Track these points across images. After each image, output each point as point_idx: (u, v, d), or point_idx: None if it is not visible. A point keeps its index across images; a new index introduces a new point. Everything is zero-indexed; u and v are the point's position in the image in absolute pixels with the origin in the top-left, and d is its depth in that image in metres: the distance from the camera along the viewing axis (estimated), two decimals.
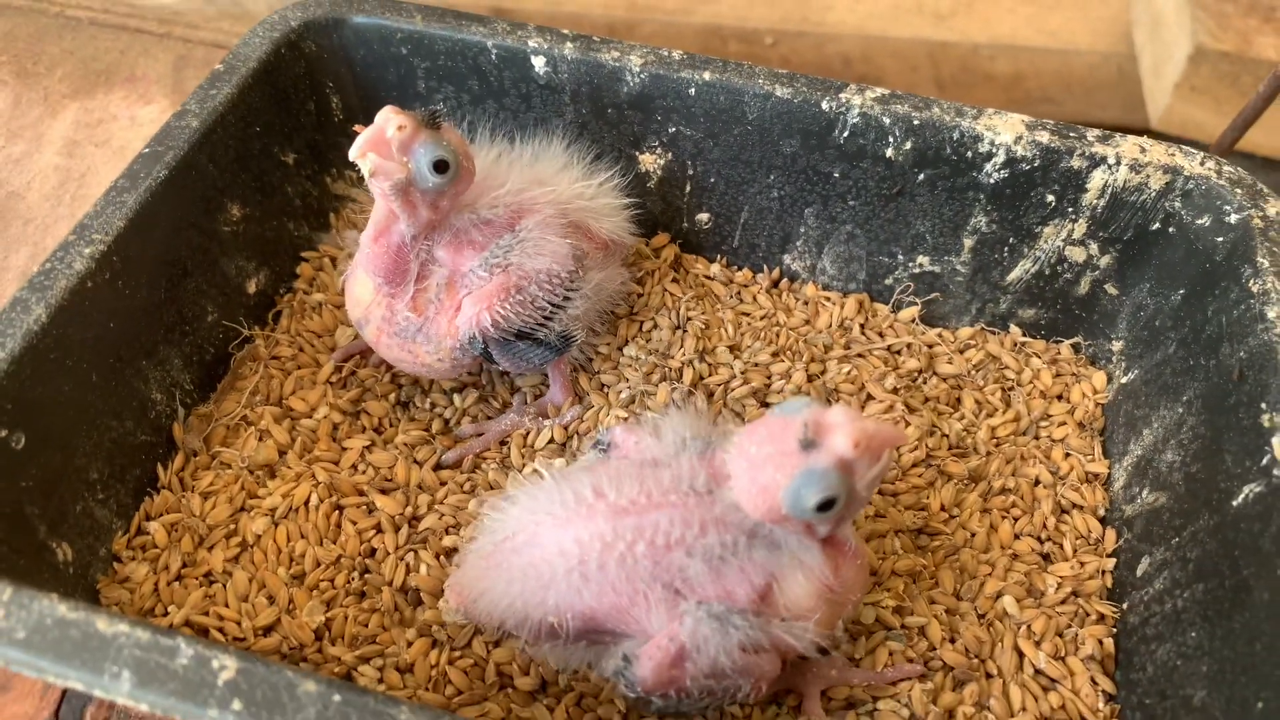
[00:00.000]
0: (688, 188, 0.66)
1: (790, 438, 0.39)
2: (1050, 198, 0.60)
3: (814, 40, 1.41)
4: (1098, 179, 0.59)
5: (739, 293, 0.67)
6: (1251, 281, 0.53)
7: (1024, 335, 0.66)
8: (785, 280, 0.68)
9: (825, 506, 0.39)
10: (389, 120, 0.48)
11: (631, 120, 0.64)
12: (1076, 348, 0.65)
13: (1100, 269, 0.62)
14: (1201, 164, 0.58)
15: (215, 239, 0.59)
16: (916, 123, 0.59)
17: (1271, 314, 0.52)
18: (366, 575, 0.53)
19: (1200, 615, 0.49)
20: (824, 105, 0.60)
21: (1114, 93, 1.38)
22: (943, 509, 0.58)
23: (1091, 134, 0.59)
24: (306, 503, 0.55)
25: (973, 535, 0.57)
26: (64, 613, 0.40)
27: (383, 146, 0.48)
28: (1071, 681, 0.52)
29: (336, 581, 0.53)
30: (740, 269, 0.68)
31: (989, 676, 0.52)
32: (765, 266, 0.68)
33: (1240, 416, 0.51)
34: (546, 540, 0.45)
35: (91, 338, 0.51)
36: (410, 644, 0.51)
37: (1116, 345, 0.63)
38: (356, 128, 0.48)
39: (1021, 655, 0.53)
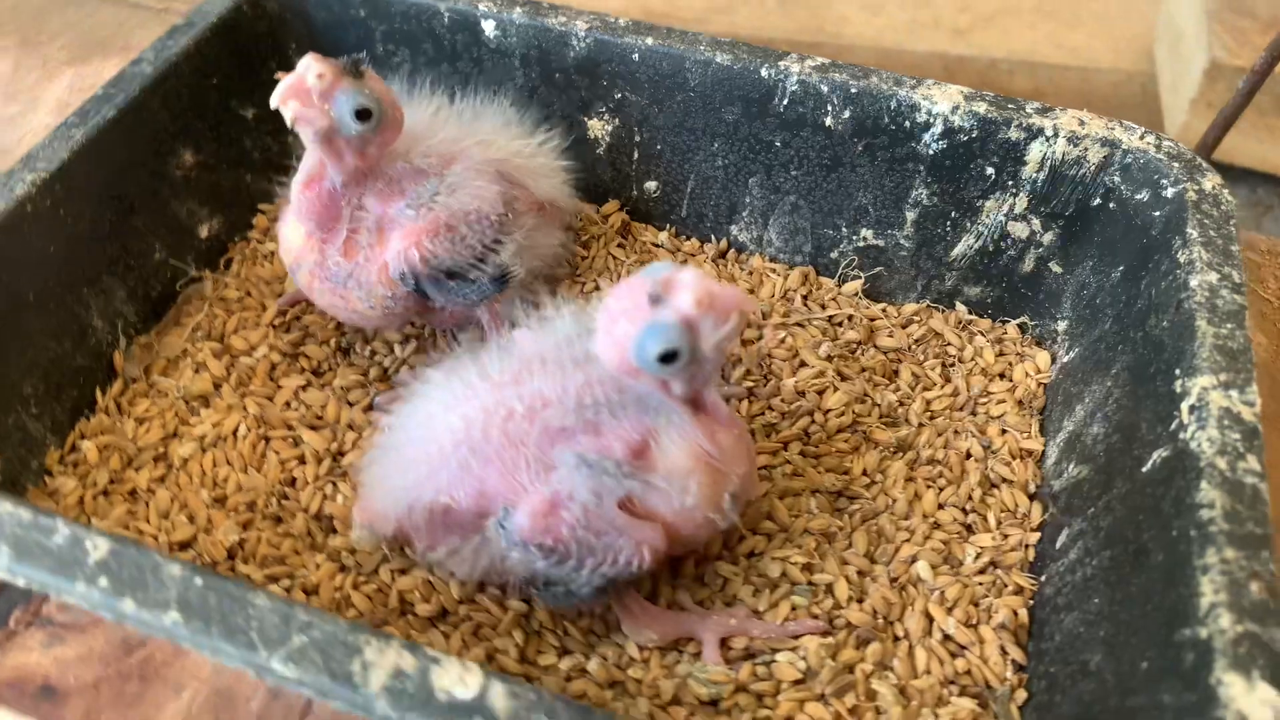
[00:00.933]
0: (635, 155, 0.67)
1: (643, 294, 0.42)
2: (990, 170, 0.60)
3: (830, 52, 1.41)
4: (1036, 151, 0.59)
5: (685, 260, 0.67)
6: (1180, 252, 0.53)
7: (970, 313, 0.65)
8: (733, 251, 0.68)
9: (667, 359, 0.41)
10: (309, 68, 0.50)
11: (579, 85, 0.65)
12: (1023, 328, 0.65)
13: (1044, 246, 0.62)
14: (1141, 138, 0.58)
15: (166, 181, 0.62)
16: (854, 91, 0.60)
17: (1194, 282, 0.51)
18: (285, 502, 0.55)
19: (1104, 581, 0.48)
20: (763, 72, 0.61)
21: (1136, 111, 1.37)
22: (865, 474, 0.57)
23: (1031, 106, 0.59)
24: (235, 432, 0.57)
25: (894, 501, 0.56)
26: None
27: (303, 94, 0.50)
28: (981, 649, 0.51)
29: (255, 505, 0.54)
30: (689, 239, 0.69)
31: (896, 640, 0.52)
32: (713, 237, 0.69)
33: (1157, 384, 0.50)
34: (436, 424, 0.47)
35: (29, 259, 0.54)
36: (319, 567, 0.52)
37: (1061, 325, 0.63)
38: (278, 75, 0.50)
39: (931, 620, 0.52)
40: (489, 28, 0.65)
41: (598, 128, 0.67)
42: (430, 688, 0.37)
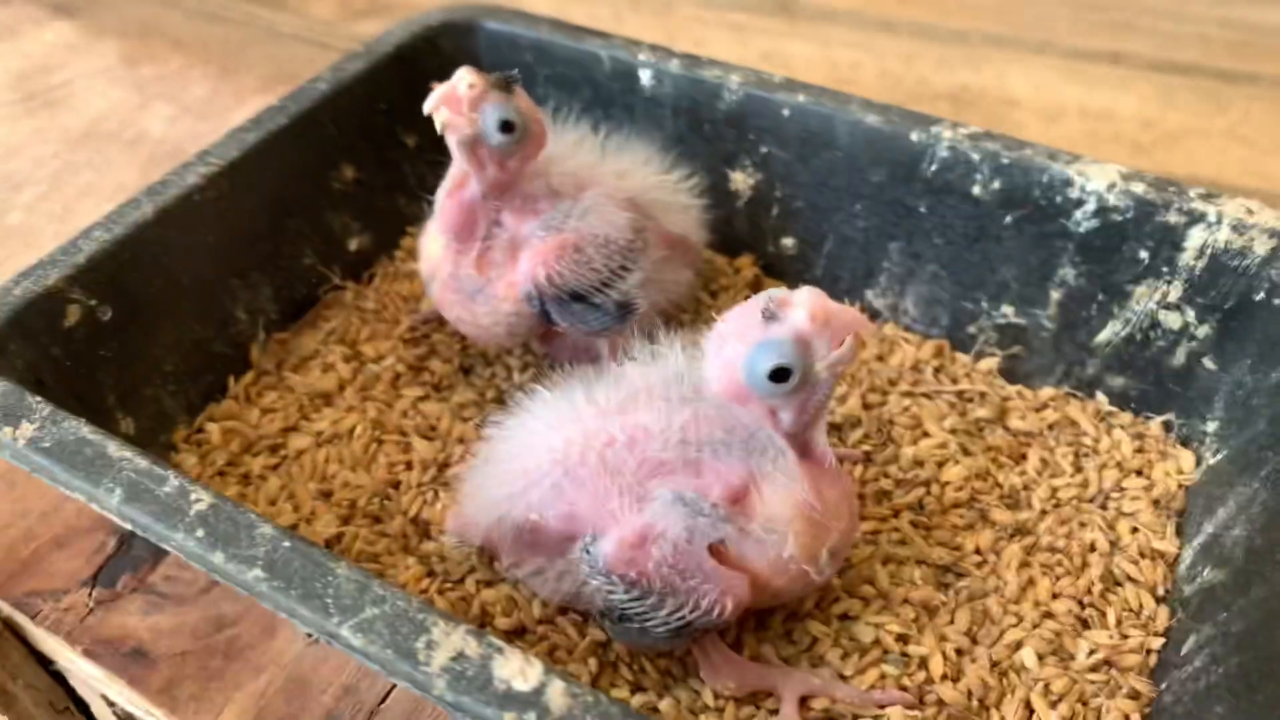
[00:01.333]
0: (775, 210, 0.67)
1: (756, 314, 0.41)
2: (1143, 254, 0.57)
3: None
4: (1196, 237, 0.56)
5: None
6: None
7: (1110, 405, 0.62)
8: (866, 317, 0.67)
9: (779, 376, 0.40)
10: (462, 78, 0.52)
11: (726, 137, 0.66)
12: (1168, 426, 0.60)
13: (1198, 339, 0.58)
14: None
15: (325, 192, 0.65)
16: (1005, 161, 0.59)
17: None
18: (386, 503, 0.55)
19: (1229, 690, 0.44)
20: (914, 136, 0.60)
21: None
22: (977, 552, 0.54)
23: (1194, 190, 0.57)
24: (351, 431, 0.58)
25: (1004, 584, 0.52)
26: (86, 434, 0.44)
27: (454, 102, 0.52)
28: None
29: (358, 504, 0.55)
30: None
31: None
32: (848, 300, 0.67)
33: None
34: (537, 442, 0.47)
35: (189, 245, 0.57)
36: (409, 569, 0.52)
37: (1211, 426, 0.59)
38: (433, 84, 0.53)
39: (1031, 711, 0.48)
40: (645, 76, 0.66)
41: (740, 180, 0.67)
42: (490, 675, 0.36)
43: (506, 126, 0.53)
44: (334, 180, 0.66)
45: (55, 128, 0.86)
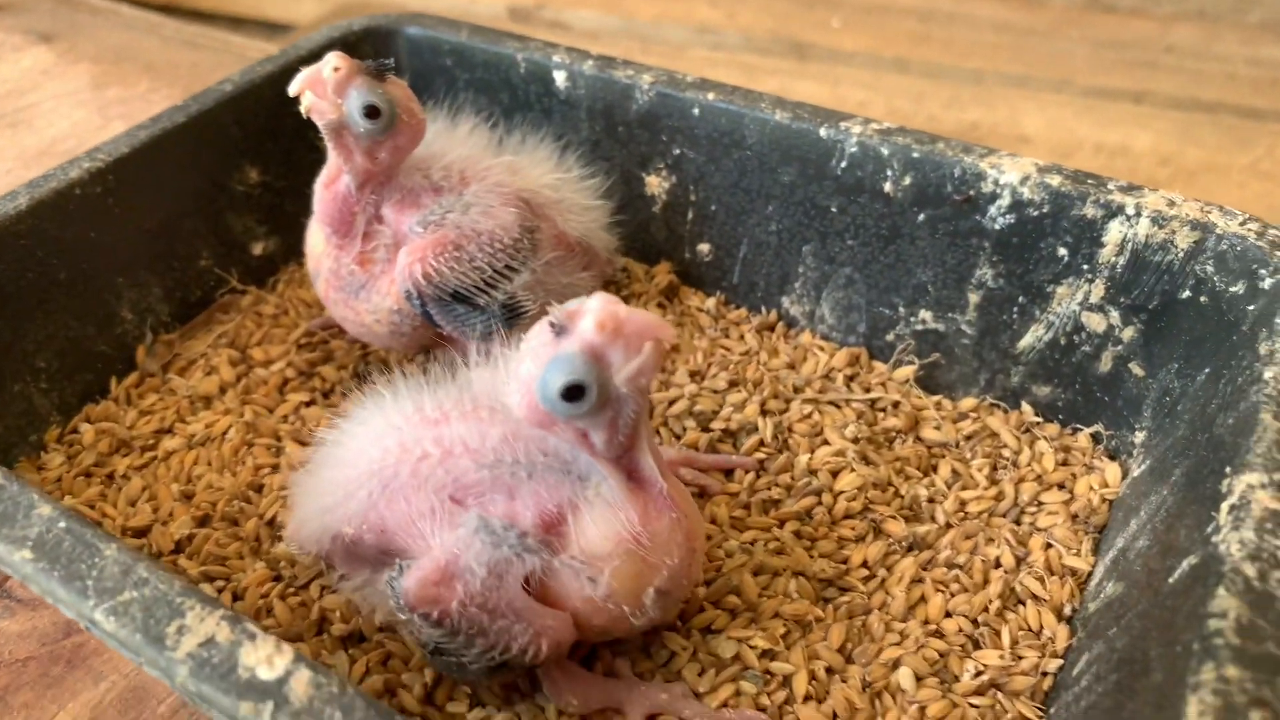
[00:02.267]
0: (690, 214, 0.64)
1: (546, 329, 0.37)
2: (1062, 251, 0.54)
3: None
4: (1115, 232, 0.52)
5: (726, 329, 0.63)
6: (1263, 343, 0.44)
7: (1036, 416, 0.57)
8: (783, 325, 0.63)
9: (572, 395, 0.36)
10: (328, 61, 0.50)
11: (640, 139, 0.63)
12: (1096, 438, 0.56)
13: (1124, 343, 0.54)
14: (1241, 224, 0.50)
15: (225, 194, 0.64)
16: (916, 156, 0.55)
17: (1269, 374, 0.43)
18: (245, 505, 0.53)
19: (1103, 709, 0.39)
20: (822, 133, 0.57)
21: None
22: (865, 565, 0.50)
23: (1113, 183, 0.53)
24: (224, 434, 0.56)
25: (890, 600, 0.48)
26: None
27: (318, 85, 0.50)
28: None
29: (217, 506, 0.53)
30: (738, 307, 0.65)
31: None
32: (764, 308, 0.64)
33: (1207, 486, 0.41)
34: (358, 453, 0.44)
35: (68, 240, 0.56)
36: (254, 572, 0.50)
37: (1139, 436, 0.54)
38: (303, 65, 0.51)
39: None
40: (560, 78, 0.64)
41: (655, 184, 0.64)
42: (235, 662, 0.33)
43: (372, 112, 0.51)
44: (236, 182, 0.64)
45: (14, 146, 0.87)
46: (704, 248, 0.65)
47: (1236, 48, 1.49)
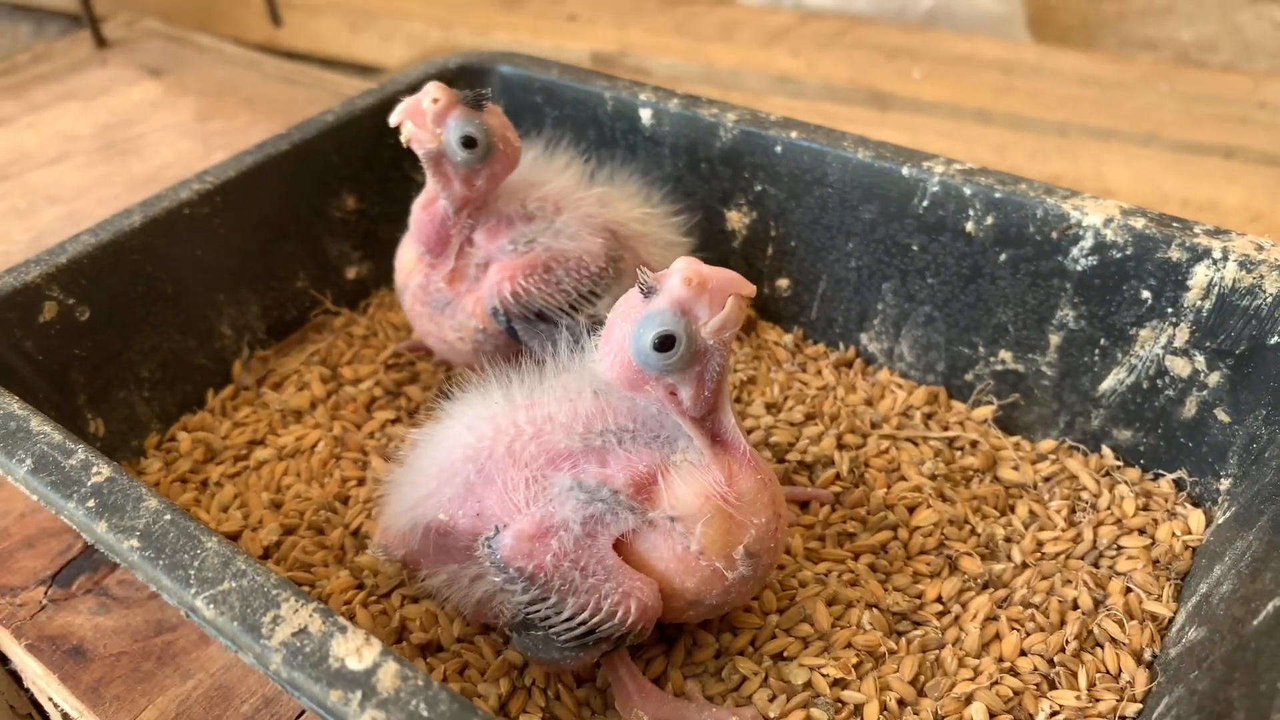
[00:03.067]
0: (769, 250, 0.65)
1: (635, 293, 0.40)
2: (1146, 294, 0.53)
3: None
4: (1201, 275, 0.52)
5: (804, 364, 0.64)
6: None
7: (1117, 459, 0.57)
8: (860, 361, 0.64)
9: (664, 345, 0.39)
10: (428, 92, 0.53)
11: (722, 176, 0.65)
12: (1179, 484, 0.55)
13: (1209, 388, 0.53)
14: None
15: (323, 219, 0.67)
16: (998, 196, 0.56)
17: None
18: (332, 515, 0.55)
19: None
20: (905, 171, 0.58)
21: None
22: (939, 601, 0.50)
23: (1199, 226, 0.53)
24: (312, 447, 0.58)
25: (964, 635, 0.48)
26: (14, 409, 0.45)
27: (418, 116, 0.53)
28: None
29: (304, 515, 0.55)
30: (815, 343, 0.65)
31: None
32: (842, 344, 0.64)
33: None
34: (452, 442, 0.46)
35: (175, 256, 0.59)
36: (337, 579, 0.51)
37: (1224, 484, 0.53)
38: (402, 97, 0.54)
39: None
40: (646, 116, 0.66)
41: (735, 219, 0.66)
42: (326, 652, 0.35)
43: (469, 142, 0.53)
44: (334, 208, 0.67)
45: (123, 173, 0.92)
46: (783, 283, 0.66)
47: None
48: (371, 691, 0.33)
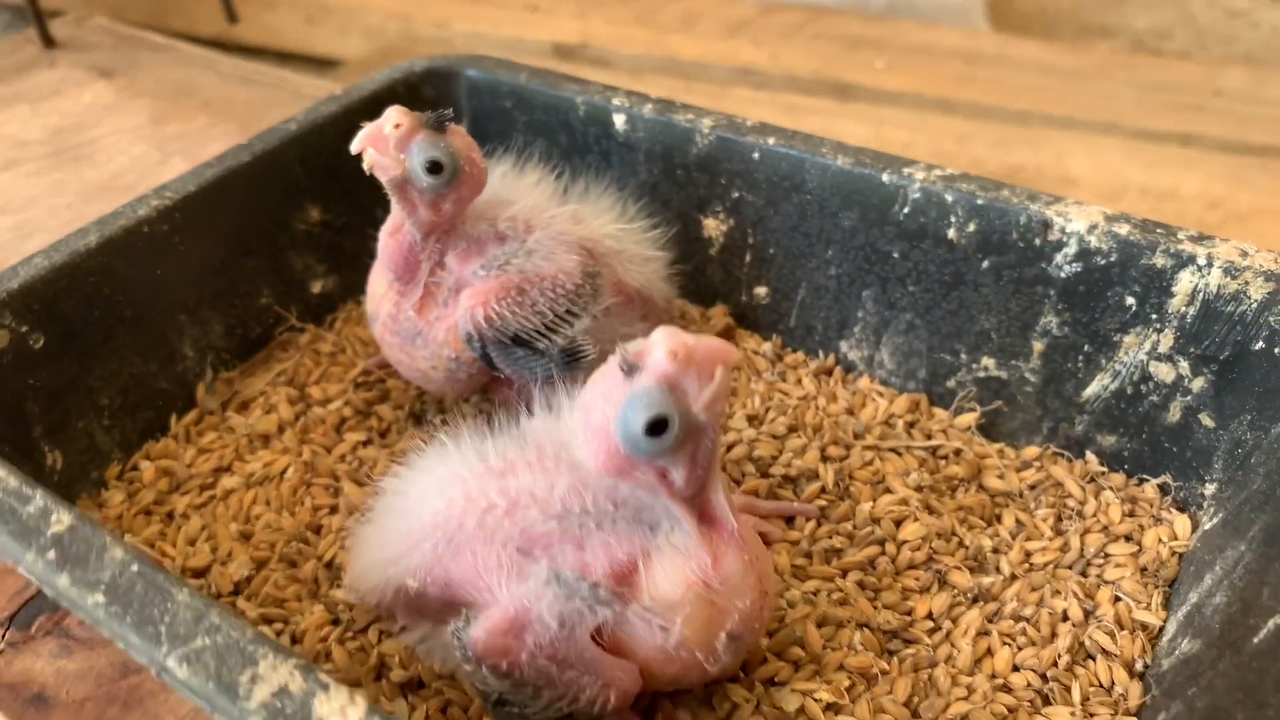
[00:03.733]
0: (747, 257, 0.64)
1: (615, 371, 0.37)
2: (1130, 300, 0.53)
3: None
4: (1185, 282, 0.51)
5: (783, 373, 0.63)
6: None
7: (1101, 465, 0.56)
8: (840, 369, 0.63)
9: (657, 429, 0.36)
10: (389, 117, 0.50)
11: (698, 182, 0.63)
12: (1164, 488, 0.55)
13: (1193, 394, 0.53)
14: None
15: (287, 232, 0.64)
16: (980, 203, 0.55)
17: None
18: (304, 547, 0.53)
19: None
20: (885, 178, 0.57)
21: None
22: (930, 618, 0.49)
23: (1183, 232, 0.52)
24: (282, 474, 0.57)
25: (956, 653, 0.47)
26: None
27: (380, 142, 0.50)
28: None
29: (276, 546, 0.53)
30: (795, 351, 0.64)
31: None
32: (821, 352, 0.64)
33: None
34: (422, 503, 0.43)
35: (134, 277, 0.56)
36: (311, 615, 0.49)
37: (1209, 488, 0.53)
38: (363, 123, 0.51)
39: None
40: (619, 121, 0.65)
41: (712, 227, 0.64)
42: (309, 713, 0.33)
43: (434, 167, 0.50)
44: (298, 220, 0.65)
45: (75, 180, 0.89)
46: (761, 290, 0.65)
47: None
48: None
